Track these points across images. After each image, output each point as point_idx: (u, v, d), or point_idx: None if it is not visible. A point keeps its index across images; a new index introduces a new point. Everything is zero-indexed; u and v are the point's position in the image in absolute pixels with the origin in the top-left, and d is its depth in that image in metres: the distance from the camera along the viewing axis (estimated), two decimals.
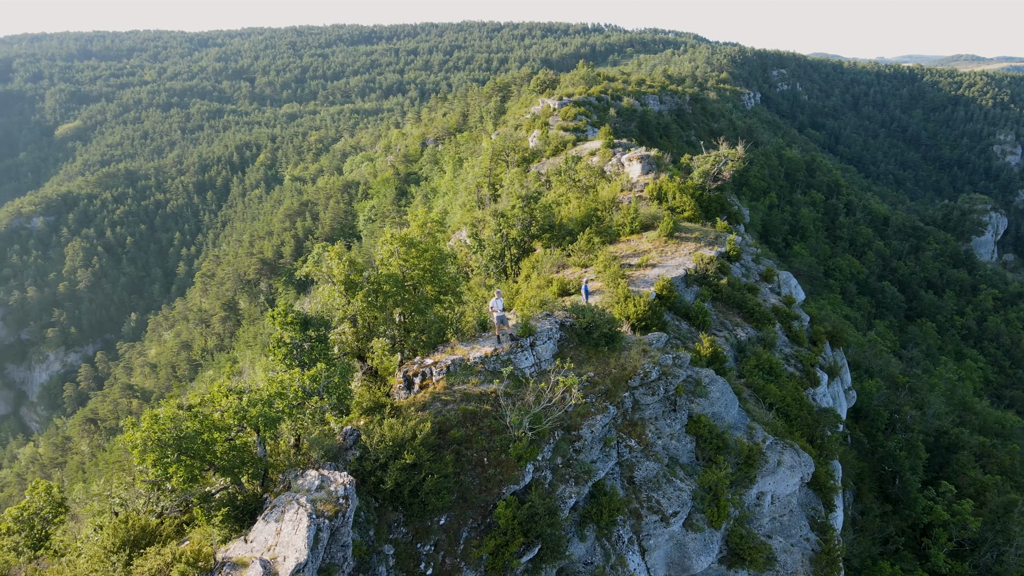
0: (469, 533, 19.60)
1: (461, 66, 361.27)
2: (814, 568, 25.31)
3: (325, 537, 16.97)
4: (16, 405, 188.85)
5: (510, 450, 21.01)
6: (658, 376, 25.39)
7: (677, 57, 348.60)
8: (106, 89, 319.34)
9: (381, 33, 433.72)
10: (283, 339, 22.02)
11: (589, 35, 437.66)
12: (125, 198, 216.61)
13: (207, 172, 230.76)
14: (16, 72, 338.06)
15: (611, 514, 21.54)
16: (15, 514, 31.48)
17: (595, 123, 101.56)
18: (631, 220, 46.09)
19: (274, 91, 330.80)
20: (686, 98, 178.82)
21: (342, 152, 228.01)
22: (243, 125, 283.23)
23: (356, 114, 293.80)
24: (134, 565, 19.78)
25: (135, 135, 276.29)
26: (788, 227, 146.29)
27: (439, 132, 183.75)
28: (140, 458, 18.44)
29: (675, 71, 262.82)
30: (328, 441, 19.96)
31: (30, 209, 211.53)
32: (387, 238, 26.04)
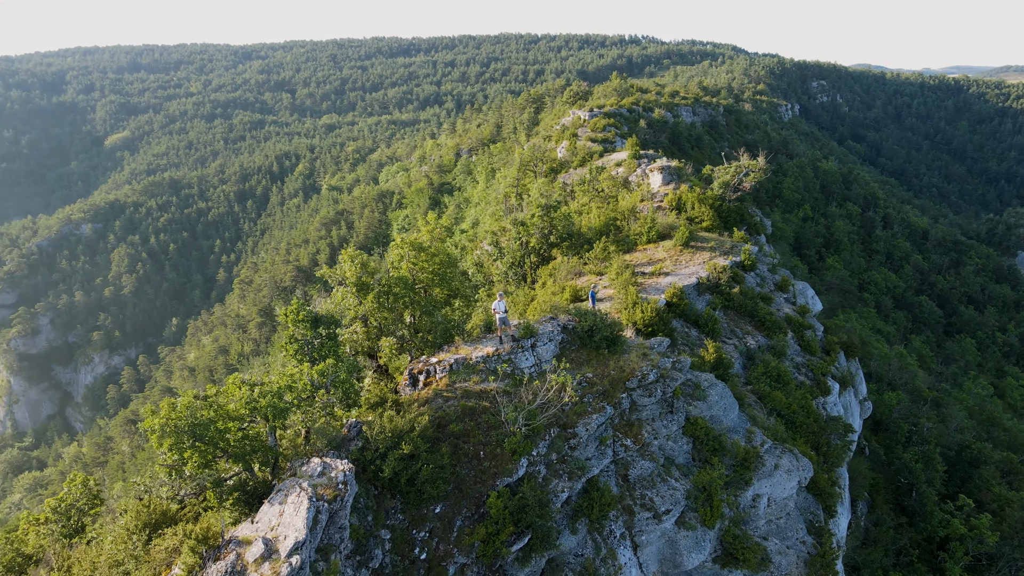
0: (463, 521, 20.62)
1: (497, 78, 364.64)
2: (808, 570, 25.73)
3: (324, 519, 18.14)
4: (62, 405, 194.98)
5: (505, 444, 22.00)
6: (656, 378, 26.18)
7: (714, 69, 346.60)
8: (153, 101, 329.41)
9: (419, 45, 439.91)
10: (295, 336, 23.35)
11: (626, 47, 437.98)
12: (169, 206, 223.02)
13: (248, 181, 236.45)
14: (69, 84, 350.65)
15: (602, 509, 22.35)
16: (54, 504, 33.40)
17: (624, 134, 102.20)
18: (647, 230, 46.83)
19: (314, 102, 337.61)
20: (720, 110, 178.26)
21: (378, 162, 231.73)
22: (283, 136, 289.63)
23: (393, 125, 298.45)
24: (152, 544, 21.23)
25: (180, 145, 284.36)
26: (822, 240, 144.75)
27: (473, 143, 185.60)
28: (158, 443, 19.87)
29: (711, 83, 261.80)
30: (332, 432, 21.17)
31: (79, 216, 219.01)
32: (398, 242, 27.33)
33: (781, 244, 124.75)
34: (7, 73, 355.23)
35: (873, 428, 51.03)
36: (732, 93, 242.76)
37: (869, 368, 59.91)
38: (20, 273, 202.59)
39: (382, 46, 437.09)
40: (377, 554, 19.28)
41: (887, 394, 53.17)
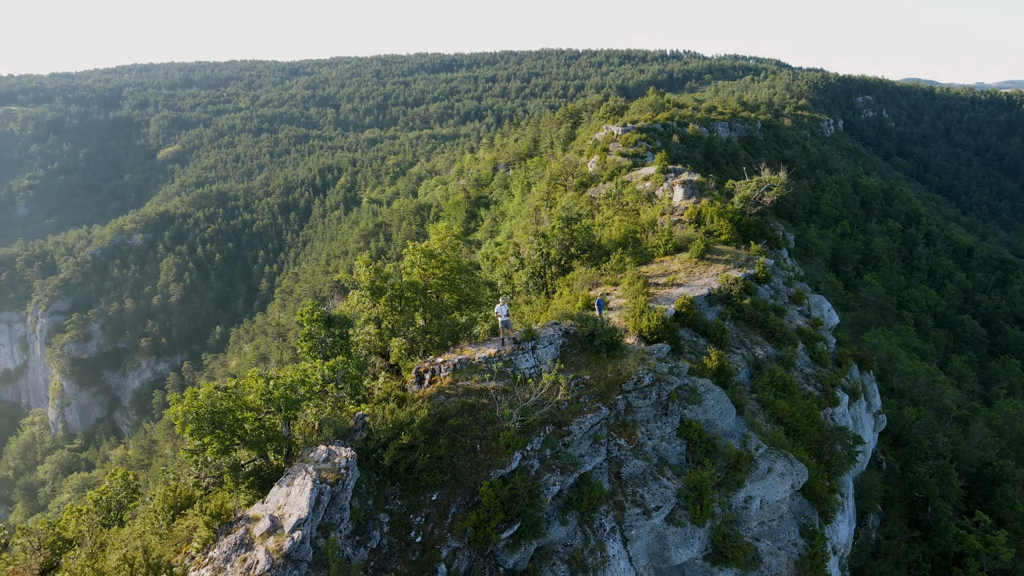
0: (457, 509, 22.06)
1: (538, 93, 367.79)
2: (799, 571, 26.47)
3: (326, 500, 19.77)
4: (110, 409, 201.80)
5: (500, 438, 23.41)
6: (651, 382, 27.34)
7: (756, 83, 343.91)
8: (204, 115, 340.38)
9: (461, 61, 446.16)
10: (310, 333, 25.16)
11: (667, 62, 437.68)
12: (216, 217, 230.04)
13: (291, 194, 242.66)
14: (125, 100, 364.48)
15: (591, 502, 23.55)
16: (95, 497, 35.73)
17: (655, 149, 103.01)
18: (664, 242, 47.89)
19: (357, 117, 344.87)
20: (758, 125, 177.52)
21: (418, 176, 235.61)
22: (327, 149, 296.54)
23: (434, 139, 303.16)
24: (175, 523, 23.14)
25: (228, 158, 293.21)
26: (860, 256, 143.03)
27: (510, 157, 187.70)
28: (181, 428, 21.80)
29: (751, 97, 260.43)
30: (340, 423, 22.82)
31: (131, 227, 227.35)
32: (410, 249, 29.07)
33: (816, 260, 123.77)
34: (67, 89, 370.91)
35: (892, 443, 50.98)
36: (772, 108, 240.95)
37: (891, 384, 59.72)
38: (75, 281, 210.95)
39: (425, 62, 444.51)
40: (375, 535, 20.83)
41: (907, 409, 53.03)
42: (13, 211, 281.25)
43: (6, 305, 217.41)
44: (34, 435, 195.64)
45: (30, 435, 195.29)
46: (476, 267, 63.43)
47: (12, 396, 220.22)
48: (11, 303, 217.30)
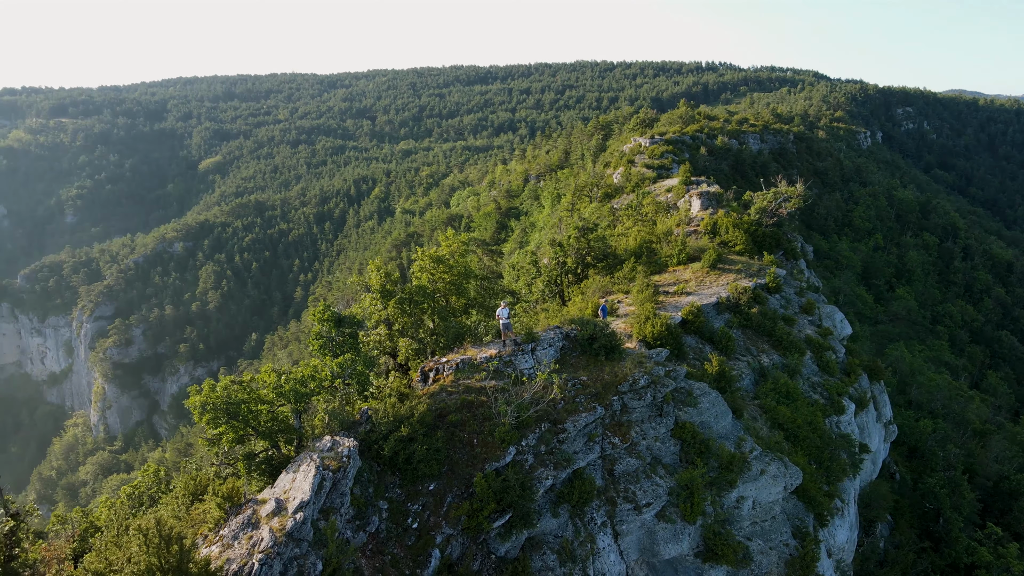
0: (453, 498, 23.37)
1: (572, 105, 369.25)
2: (788, 570, 27.21)
3: (328, 485, 21.24)
4: (150, 413, 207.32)
5: (495, 433, 24.69)
6: (647, 384, 28.41)
7: (793, 95, 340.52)
8: (244, 127, 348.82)
9: (496, 73, 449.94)
10: (320, 332, 26.79)
11: (702, 74, 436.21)
12: (254, 227, 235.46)
13: (327, 204, 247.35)
14: (170, 112, 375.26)
15: (582, 496, 24.68)
16: (128, 491, 37.79)
17: (681, 161, 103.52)
18: (678, 252, 48.81)
19: (392, 129, 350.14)
20: (790, 137, 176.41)
21: (450, 187, 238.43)
22: (362, 160, 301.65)
23: (467, 151, 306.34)
24: (194, 507, 24.82)
25: (266, 169, 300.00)
26: (893, 270, 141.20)
27: (541, 168, 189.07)
28: (199, 417, 23.50)
29: (785, 109, 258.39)
30: (345, 415, 24.31)
31: (173, 235, 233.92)
32: (419, 255, 30.61)
33: (846, 272, 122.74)
34: (115, 102, 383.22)
35: (908, 455, 51.00)
36: (806, 120, 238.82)
37: (910, 396, 59.55)
38: (118, 287, 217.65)
39: (460, 74, 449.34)
40: (374, 520, 22.24)
41: (923, 421, 52.92)
42: (62, 219, 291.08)
43: (53, 310, 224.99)
44: (77, 436, 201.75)
45: (73, 436, 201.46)
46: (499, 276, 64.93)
47: (57, 398, 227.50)
48: (58, 308, 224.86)
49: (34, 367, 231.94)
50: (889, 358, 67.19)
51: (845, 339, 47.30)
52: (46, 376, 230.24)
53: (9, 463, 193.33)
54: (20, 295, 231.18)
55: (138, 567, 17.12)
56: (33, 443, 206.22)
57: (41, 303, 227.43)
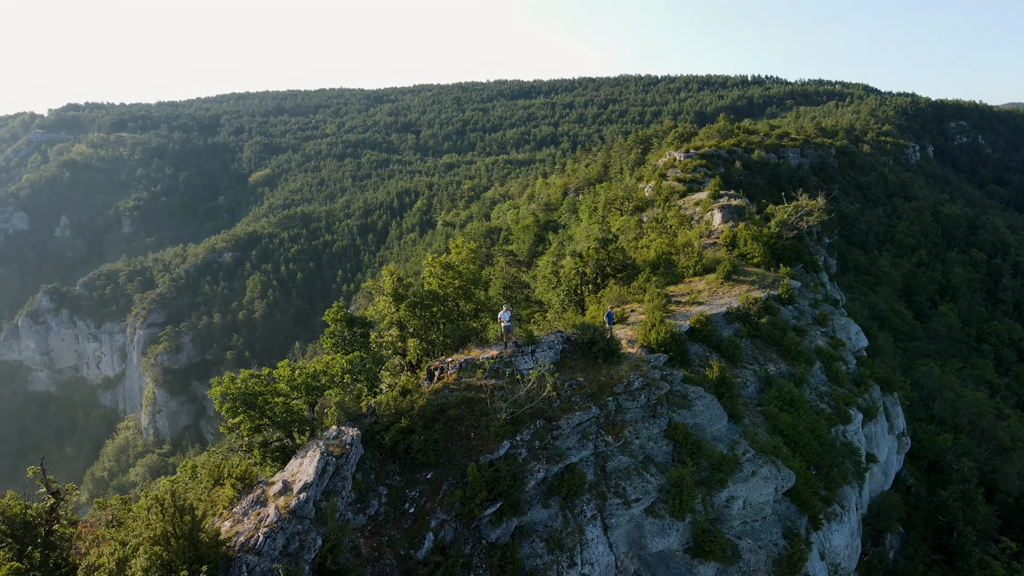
0: (448, 486, 25.02)
1: (614, 119, 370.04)
2: (775, 568, 28.10)
3: (331, 470, 23.11)
4: (197, 417, 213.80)
5: (491, 427, 26.29)
6: (641, 386, 29.75)
7: (840, 109, 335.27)
8: (293, 141, 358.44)
9: (540, 88, 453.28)
10: (334, 331, 28.82)
11: (748, 87, 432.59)
12: (299, 238, 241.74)
13: (370, 216, 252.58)
14: (223, 127, 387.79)
15: (571, 489, 26.08)
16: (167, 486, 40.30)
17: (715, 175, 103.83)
18: (694, 263, 49.88)
19: (436, 143, 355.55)
20: (832, 151, 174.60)
21: (491, 200, 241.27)
22: (405, 174, 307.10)
23: (509, 164, 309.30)
24: (214, 490, 26.94)
25: (313, 182, 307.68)
26: (937, 286, 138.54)
27: (580, 182, 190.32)
28: (219, 406, 25.64)
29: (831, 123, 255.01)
30: (352, 408, 26.17)
31: (222, 245, 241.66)
32: (429, 261, 32.53)
33: (885, 288, 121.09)
34: (172, 117, 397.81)
35: (927, 469, 50.89)
36: (852, 134, 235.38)
37: (932, 411, 59.21)
38: (170, 295, 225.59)
39: (504, 89, 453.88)
40: (374, 504, 24.02)
41: (942, 436, 52.65)
42: (119, 230, 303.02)
43: (109, 317, 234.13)
44: (128, 439, 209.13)
45: (124, 439, 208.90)
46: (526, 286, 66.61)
47: (111, 402, 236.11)
48: (113, 315, 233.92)
49: (90, 371, 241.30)
50: (916, 373, 66.67)
51: (861, 351, 47.63)
52: (101, 380, 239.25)
53: (64, 462, 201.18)
54: (79, 302, 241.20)
55: (154, 532, 19.16)
56: (87, 444, 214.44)
57: (98, 310, 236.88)
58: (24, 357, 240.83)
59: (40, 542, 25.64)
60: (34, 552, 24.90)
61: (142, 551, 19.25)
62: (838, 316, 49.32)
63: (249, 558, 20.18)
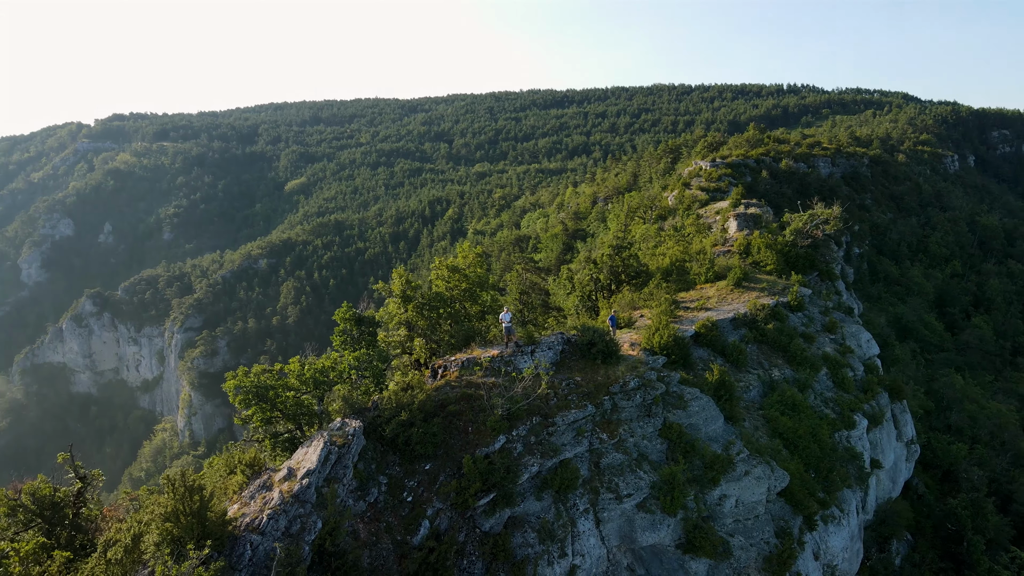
0: (445, 477, 26.29)
1: (647, 128, 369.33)
2: (766, 565, 28.79)
3: (333, 458, 24.56)
4: (230, 420, 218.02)
5: (487, 422, 27.51)
6: (637, 386, 30.74)
7: (877, 118, 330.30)
8: (328, 150, 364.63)
9: (573, 97, 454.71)
10: (343, 330, 30.35)
11: (783, 96, 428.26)
12: (332, 245, 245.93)
13: (402, 224, 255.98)
14: (260, 136, 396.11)
15: (563, 483, 27.15)
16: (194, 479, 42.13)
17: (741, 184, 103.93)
18: (706, 270, 50.58)
19: (469, 152, 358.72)
20: (864, 160, 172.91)
21: (522, 208, 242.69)
22: (438, 182, 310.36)
23: (541, 173, 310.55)
24: (228, 478, 28.57)
25: (347, 190, 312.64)
26: (971, 298, 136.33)
27: (609, 191, 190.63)
28: (233, 398, 27.29)
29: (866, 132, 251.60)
30: (356, 401, 27.61)
31: (258, 252, 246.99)
32: (436, 264, 33.97)
33: (914, 299, 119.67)
34: (212, 127, 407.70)
35: (942, 478, 50.78)
36: (887, 143, 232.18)
37: (949, 421, 58.95)
38: (207, 300, 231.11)
39: (537, 98, 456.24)
40: (374, 492, 25.39)
41: (957, 445, 52.42)
42: (160, 236, 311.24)
43: (148, 321, 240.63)
44: (164, 440, 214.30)
45: (161, 440, 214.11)
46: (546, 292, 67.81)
47: (148, 404, 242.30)
48: (152, 319, 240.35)
49: (129, 374, 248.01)
50: (937, 384, 66.23)
51: (872, 359, 47.82)
52: (140, 383, 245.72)
53: (104, 462, 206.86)
54: (120, 306, 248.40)
55: (165, 509, 20.75)
56: (126, 445, 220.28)
57: (138, 314, 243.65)
58: (68, 359, 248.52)
59: (68, 524, 27.47)
60: (61, 533, 26.71)
61: (154, 527, 20.88)
62: (849, 324, 49.58)
63: (253, 537, 21.68)
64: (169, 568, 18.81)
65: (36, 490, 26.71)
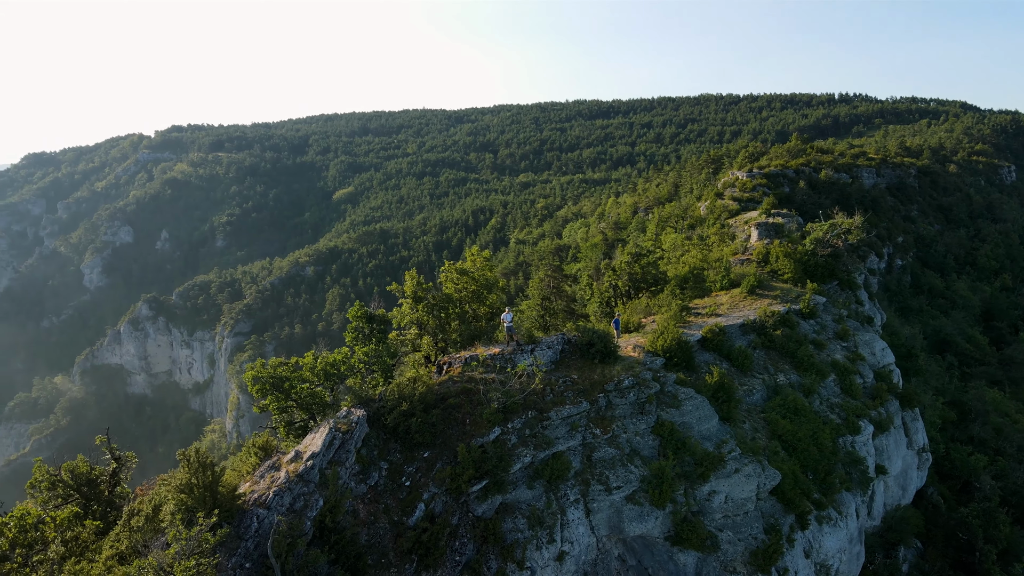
0: (442, 464, 28.12)
1: (692, 139, 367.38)
2: (752, 559, 29.81)
3: (337, 443, 26.63)
4: None
5: (484, 414, 29.27)
6: (631, 385, 32.14)
7: (933, 127, 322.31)
8: (375, 160, 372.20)
9: (619, 108, 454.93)
10: (355, 327, 32.54)
11: (834, 106, 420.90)
12: (377, 253, 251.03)
13: (445, 233, 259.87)
14: (311, 147, 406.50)
15: (554, 473, 28.68)
16: None
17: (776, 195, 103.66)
18: (721, 278, 51.51)
19: (513, 162, 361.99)
20: (911, 171, 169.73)
21: (564, 218, 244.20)
22: (482, 192, 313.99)
23: (584, 184, 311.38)
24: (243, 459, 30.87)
25: (393, 200, 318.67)
26: (1021, 312, 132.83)
27: (650, 201, 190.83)
28: (251, 387, 29.63)
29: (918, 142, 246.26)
30: (362, 392, 29.67)
31: (305, 259, 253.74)
32: (446, 268, 35.98)
33: (958, 312, 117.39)
34: (264, 137, 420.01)
35: (960, 488, 50.53)
36: (939, 153, 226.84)
37: (972, 432, 58.40)
38: (256, 306, 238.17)
39: (582, 109, 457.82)
40: (375, 476, 27.36)
41: (975, 456, 52.03)
42: (213, 243, 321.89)
43: (200, 325, 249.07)
44: (213, 442, 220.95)
45: (210, 441, 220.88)
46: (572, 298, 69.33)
47: (199, 406, 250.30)
48: (204, 323, 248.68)
49: (182, 376, 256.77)
50: (967, 396, 65.49)
51: (887, 367, 48.01)
52: (191, 385, 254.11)
53: (156, 461, 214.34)
54: (174, 311, 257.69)
55: (180, 482, 23.04)
56: (177, 445, 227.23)
57: (191, 318, 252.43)
58: (124, 361, 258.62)
59: (103, 499, 30.10)
60: (96, 507, 29.31)
61: (171, 497, 23.18)
62: (863, 332, 49.81)
63: (260, 511, 23.83)
64: (180, 532, 21.00)
65: (75, 467, 29.40)
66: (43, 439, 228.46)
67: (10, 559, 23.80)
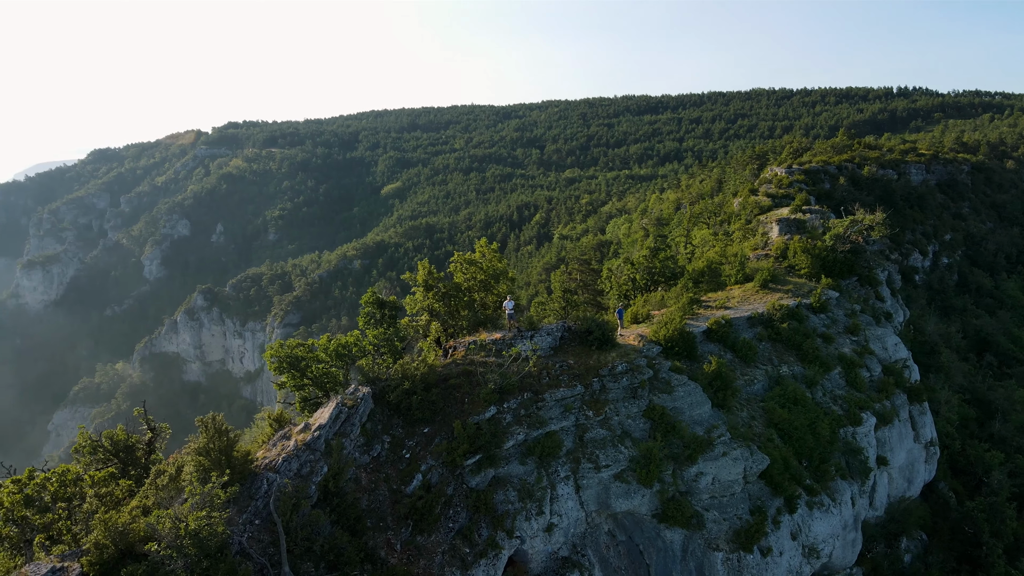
0: (440, 439, 30.30)
1: (742, 134, 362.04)
2: (735, 537, 31.25)
3: (343, 417, 29.06)
4: None
5: (480, 394, 31.33)
6: (624, 370, 33.80)
7: (996, 121, 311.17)
8: (423, 156, 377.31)
9: (667, 103, 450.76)
10: (368, 313, 34.97)
11: (891, 100, 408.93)
12: (423, 247, 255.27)
13: (490, 228, 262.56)
14: (360, 143, 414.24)
15: (544, 450, 30.55)
16: None
17: (815, 191, 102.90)
18: (736, 272, 52.44)
19: (560, 157, 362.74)
20: (964, 167, 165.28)
21: (608, 214, 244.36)
22: (527, 188, 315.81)
23: (631, 179, 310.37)
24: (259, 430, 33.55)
25: (439, 195, 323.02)
26: None
27: (693, 197, 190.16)
28: (269, 365, 32.28)
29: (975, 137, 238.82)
30: (370, 372, 32.01)
31: (353, 253, 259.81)
32: (455, 258, 38.16)
33: (1003, 312, 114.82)
34: (316, 134, 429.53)
35: (976, 485, 50.57)
36: (997, 149, 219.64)
37: (992, 430, 57.98)
38: (305, 298, 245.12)
39: (630, 104, 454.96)
40: (377, 448, 29.71)
41: (989, 453, 51.88)
42: (265, 237, 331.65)
43: (252, 316, 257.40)
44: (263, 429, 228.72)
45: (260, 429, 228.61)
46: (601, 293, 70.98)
47: (250, 394, 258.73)
48: (256, 315, 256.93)
49: (234, 365, 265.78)
50: (993, 394, 64.78)
51: (898, 362, 48.38)
52: (243, 374, 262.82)
53: None
54: (228, 302, 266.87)
55: (199, 446, 25.72)
56: None
57: (243, 309, 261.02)
58: (180, 350, 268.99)
59: (140, 465, 33.15)
60: (133, 471, 32.35)
61: (190, 459, 25.89)
62: (875, 327, 50.19)
63: (269, 475, 26.38)
64: (195, 489, 23.61)
65: (114, 435, 32.50)
66: (104, 422, 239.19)
67: (52, 511, 26.91)
